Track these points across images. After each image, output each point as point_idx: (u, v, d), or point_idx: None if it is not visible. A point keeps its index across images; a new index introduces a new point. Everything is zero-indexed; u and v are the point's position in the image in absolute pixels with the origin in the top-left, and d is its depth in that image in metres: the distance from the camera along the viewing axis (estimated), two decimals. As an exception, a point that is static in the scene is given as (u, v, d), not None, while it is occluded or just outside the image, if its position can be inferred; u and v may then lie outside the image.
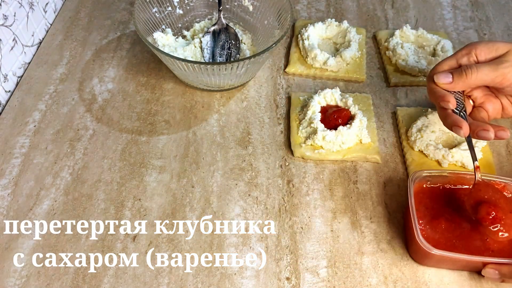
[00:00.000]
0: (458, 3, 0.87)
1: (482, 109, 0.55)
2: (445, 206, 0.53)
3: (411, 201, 0.51)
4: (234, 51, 0.73)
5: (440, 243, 0.50)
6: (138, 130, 0.65)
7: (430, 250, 0.48)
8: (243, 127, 0.66)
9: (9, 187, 0.59)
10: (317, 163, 0.62)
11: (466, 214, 0.51)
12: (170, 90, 0.71)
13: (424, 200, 0.53)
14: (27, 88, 0.70)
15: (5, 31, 0.68)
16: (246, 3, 0.75)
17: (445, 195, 0.54)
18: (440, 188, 0.54)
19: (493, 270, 0.48)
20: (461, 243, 0.50)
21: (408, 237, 0.54)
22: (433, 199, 0.53)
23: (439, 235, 0.51)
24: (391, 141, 0.65)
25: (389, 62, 0.75)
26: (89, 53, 0.76)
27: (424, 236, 0.50)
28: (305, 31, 0.76)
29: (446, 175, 0.55)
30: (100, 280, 0.51)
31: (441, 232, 0.51)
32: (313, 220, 0.57)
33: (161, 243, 0.54)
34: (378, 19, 0.84)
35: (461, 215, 0.52)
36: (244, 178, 0.61)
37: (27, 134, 0.65)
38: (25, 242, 0.54)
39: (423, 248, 0.48)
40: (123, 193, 0.59)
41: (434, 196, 0.54)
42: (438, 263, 0.52)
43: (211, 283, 0.51)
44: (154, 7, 0.71)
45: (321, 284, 0.51)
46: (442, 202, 0.53)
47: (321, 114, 0.64)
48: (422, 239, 0.48)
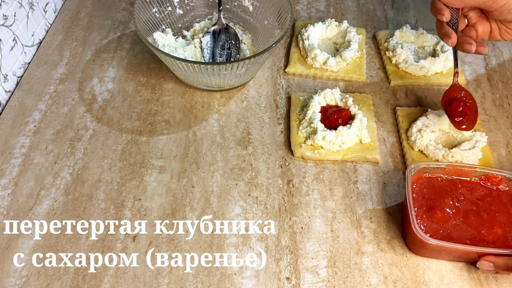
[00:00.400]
0: (458, 3, 0.87)
1: (473, 29, 0.62)
2: (443, 197, 0.54)
3: (408, 192, 0.52)
4: (234, 51, 0.73)
5: (437, 234, 0.51)
6: (138, 130, 0.65)
7: (426, 240, 0.49)
8: (243, 127, 0.66)
9: (9, 187, 0.59)
10: (317, 163, 0.62)
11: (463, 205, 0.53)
12: (170, 90, 0.71)
13: (422, 191, 0.54)
14: (27, 88, 0.71)
15: (5, 31, 0.68)
16: (246, 3, 0.75)
17: (443, 186, 0.55)
18: (438, 180, 0.55)
19: (487, 262, 0.49)
20: (457, 234, 0.51)
21: (405, 228, 0.54)
22: (430, 190, 0.54)
23: (436, 226, 0.51)
24: (391, 141, 0.65)
25: (389, 62, 0.75)
26: (89, 53, 0.76)
27: (420, 226, 0.51)
28: (305, 31, 0.76)
29: (444, 167, 0.56)
30: (100, 280, 0.51)
31: (438, 222, 0.52)
32: (313, 220, 0.57)
33: (161, 243, 0.54)
34: (378, 19, 0.84)
35: (458, 207, 0.53)
36: (244, 178, 0.61)
37: (27, 134, 0.65)
38: (25, 242, 0.54)
39: (419, 238, 0.49)
40: (123, 193, 0.59)
41: (432, 187, 0.55)
42: (434, 253, 0.52)
43: (211, 283, 0.51)
44: (154, 7, 0.71)
45: (321, 284, 0.52)
46: (440, 193, 0.54)
47: (321, 114, 0.64)
48: (418, 229, 0.49)
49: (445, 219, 0.52)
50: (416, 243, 0.52)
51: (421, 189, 0.54)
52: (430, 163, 0.56)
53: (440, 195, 0.54)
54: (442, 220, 0.52)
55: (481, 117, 0.68)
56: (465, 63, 0.76)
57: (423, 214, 0.52)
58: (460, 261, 0.53)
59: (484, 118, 0.68)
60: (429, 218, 0.52)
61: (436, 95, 0.71)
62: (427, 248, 0.51)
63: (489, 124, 0.67)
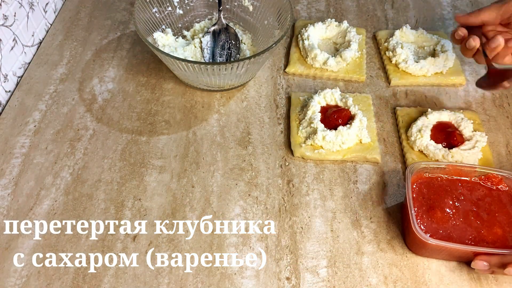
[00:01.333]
0: (458, 3, 0.87)
1: None
2: (443, 197, 0.54)
3: (408, 191, 0.52)
4: (234, 51, 0.73)
5: (437, 234, 0.51)
6: (138, 130, 0.65)
7: (426, 240, 0.49)
8: (243, 127, 0.66)
9: (9, 187, 0.59)
10: (317, 163, 0.62)
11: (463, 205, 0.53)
12: (170, 90, 0.71)
13: (422, 191, 0.54)
14: (27, 88, 0.71)
15: (5, 31, 0.68)
16: (246, 3, 0.75)
17: (443, 186, 0.55)
18: (438, 180, 0.55)
19: (481, 261, 0.49)
20: (457, 234, 0.51)
21: (405, 228, 0.54)
22: (430, 190, 0.54)
23: (436, 226, 0.51)
24: (391, 141, 0.65)
25: (389, 62, 0.75)
26: (89, 53, 0.76)
27: (420, 226, 0.51)
28: (305, 31, 0.76)
29: (443, 167, 0.55)
30: (100, 280, 0.51)
31: (438, 222, 0.52)
32: (313, 220, 0.57)
33: (161, 243, 0.54)
34: (378, 19, 0.84)
35: (458, 207, 0.53)
36: (244, 178, 0.61)
37: (27, 134, 0.65)
38: (25, 242, 0.54)
39: (419, 238, 0.49)
40: (123, 193, 0.59)
41: (432, 187, 0.55)
42: (434, 253, 0.52)
43: (211, 283, 0.51)
44: (154, 7, 0.71)
45: (321, 284, 0.52)
46: (440, 193, 0.54)
47: (321, 114, 0.64)
48: (418, 229, 0.49)
49: (445, 219, 0.52)
50: (416, 243, 0.52)
51: (421, 189, 0.54)
52: (430, 163, 0.56)
53: (440, 195, 0.54)
54: (442, 220, 0.52)
55: (481, 117, 0.68)
56: (465, 63, 0.75)
57: (423, 214, 0.52)
58: (460, 261, 0.53)
59: (484, 118, 0.68)
60: (429, 218, 0.52)
61: (436, 95, 0.71)
62: (427, 248, 0.51)
63: (489, 124, 0.67)
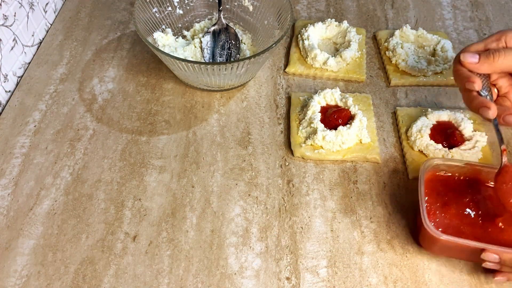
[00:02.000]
0: (458, 3, 0.87)
1: (506, 99, 0.54)
2: (458, 196, 0.53)
3: (420, 187, 0.52)
4: (234, 51, 0.73)
5: (449, 231, 0.50)
6: (138, 130, 0.65)
7: (438, 236, 0.48)
8: (243, 127, 0.66)
9: (9, 187, 0.59)
10: (317, 163, 0.62)
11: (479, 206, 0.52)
12: (170, 90, 0.71)
13: (437, 187, 0.54)
14: (27, 88, 0.71)
15: (5, 31, 0.68)
16: (246, 3, 0.75)
17: (460, 185, 0.54)
18: (455, 178, 0.55)
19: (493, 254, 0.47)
20: (471, 234, 0.50)
21: (418, 223, 0.54)
22: (446, 188, 0.54)
23: (448, 222, 0.51)
24: (391, 141, 0.65)
25: (389, 62, 0.75)
26: (89, 53, 0.76)
27: (432, 222, 0.50)
28: (305, 31, 0.76)
29: (462, 165, 0.54)
30: (100, 280, 0.51)
31: (451, 219, 0.51)
32: (313, 220, 0.57)
33: (161, 243, 0.54)
34: (378, 19, 0.84)
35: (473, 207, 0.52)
36: (244, 178, 0.61)
37: (27, 134, 0.65)
38: (25, 242, 0.54)
39: (431, 233, 0.48)
40: (123, 193, 0.59)
41: (448, 184, 0.54)
42: (445, 250, 0.52)
43: (211, 283, 0.51)
44: (154, 7, 0.71)
45: (321, 284, 0.52)
46: (456, 191, 0.54)
47: (321, 114, 0.64)
48: (429, 224, 0.49)
49: (459, 217, 0.51)
50: (427, 239, 0.51)
51: (437, 186, 0.54)
52: (446, 160, 0.55)
53: (456, 193, 0.53)
54: (455, 218, 0.51)
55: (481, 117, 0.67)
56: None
57: (436, 211, 0.52)
58: (472, 261, 0.52)
59: (484, 118, 0.68)
60: (442, 214, 0.51)
61: (436, 95, 0.71)
62: (438, 245, 0.50)
63: (489, 124, 0.67)
